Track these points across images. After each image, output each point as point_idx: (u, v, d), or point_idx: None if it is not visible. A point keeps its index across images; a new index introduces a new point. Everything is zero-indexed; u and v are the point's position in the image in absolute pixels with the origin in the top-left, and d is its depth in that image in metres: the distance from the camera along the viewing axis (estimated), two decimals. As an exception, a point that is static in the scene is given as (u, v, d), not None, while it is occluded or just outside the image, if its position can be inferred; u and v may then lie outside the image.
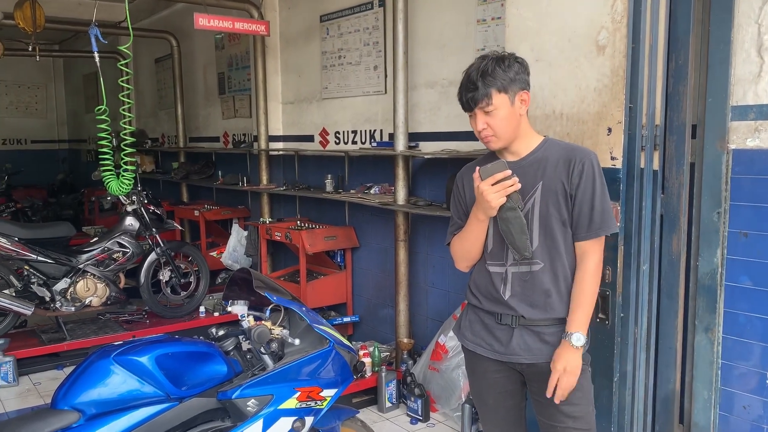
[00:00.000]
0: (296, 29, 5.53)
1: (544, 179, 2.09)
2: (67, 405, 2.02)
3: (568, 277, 2.12)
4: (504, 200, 2.01)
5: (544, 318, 2.12)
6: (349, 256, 5.08)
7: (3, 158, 11.00)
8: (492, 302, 2.18)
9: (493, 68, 2.03)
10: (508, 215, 2.03)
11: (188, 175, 7.17)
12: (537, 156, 2.12)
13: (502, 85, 2.03)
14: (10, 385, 4.48)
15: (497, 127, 2.06)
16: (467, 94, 2.06)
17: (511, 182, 2.00)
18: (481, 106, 2.04)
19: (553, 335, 2.13)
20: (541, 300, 2.11)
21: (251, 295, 2.39)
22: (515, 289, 2.13)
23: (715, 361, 2.72)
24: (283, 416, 2.20)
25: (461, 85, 2.10)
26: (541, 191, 2.08)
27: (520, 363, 2.16)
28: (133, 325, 5.25)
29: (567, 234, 2.10)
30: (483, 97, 2.03)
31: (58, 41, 10.77)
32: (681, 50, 2.63)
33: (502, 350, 2.17)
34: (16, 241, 4.62)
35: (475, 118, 2.09)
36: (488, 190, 2.00)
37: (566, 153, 2.10)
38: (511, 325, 2.15)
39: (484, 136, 2.10)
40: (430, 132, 4.29)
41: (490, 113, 2.05)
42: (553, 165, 2.09)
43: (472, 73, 2.05)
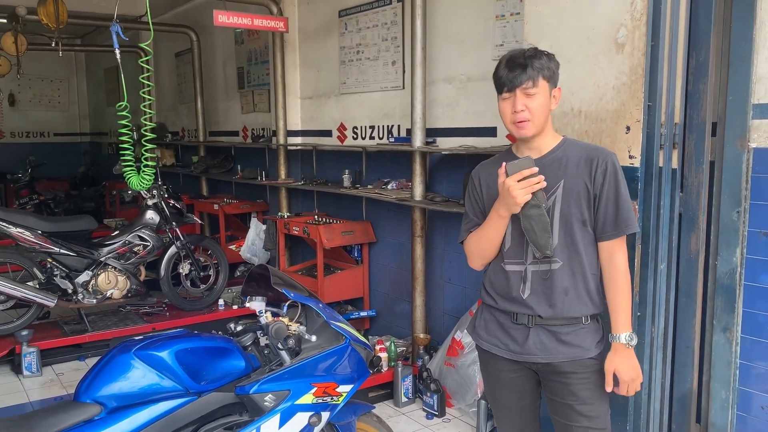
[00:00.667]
0: (315, 24, 5.54)
1: (565, 178, 2.09)
2: (90, 398, 2.06)
3: (586, 276, 2.12)
4: (529, 197, 2.00)
5: (560, 317, 2.12)
6: (366, 251, 5.10)
7: (27, 151, 11.19)
8: (508, 301, 2.18)
9: (539, 56, 2.04)
10: (531, 213, 2.03)
11: (208, 169, 7.23)
12: (557, 155, 2.12)
13: (547, 73, 2.04)
14: (34, 375, 4.57)
15: (534, 111, 2.04)
16: (512, 72, 2.02)
17: (538, 179, 2.00)
18: (525, 86, 2.02)
19: (570, 335, 2.13)
20: (560, 299, 2.11)
21: (269, 291, 2.42)
22: (535, 288, 2.13)
23: (733, 361, 2.70)
24: (299, 411, 2.22)
25: (503, 64, 2.06)
26: (563, 190, 2.08)
27: (536, 362, 2.16)
28: (153, 317, 5.33)
29: (586, 233, 2.10)
30: (529, 79, 2.01)
31: (80, 35, 10.89)
32: (702, 47, 2.60)
33: (518, 350, 2.17)
34: (40, 234, 4.71)
35: (514, 99, 2.05)
36: (515, 186, 1.99)
37: (587, 153, 2.10)
38: (527, 325, 2.15)
39: (521, 118, 2.05)
40: (448, 128, 4.29)
41: (531, 96, 2.03)
42: (574, 164, 2.09)
43: (517, 56, 2.04)
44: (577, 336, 2.13)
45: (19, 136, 11.88)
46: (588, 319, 2.15)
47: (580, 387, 2.13)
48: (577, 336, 2.13)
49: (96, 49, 10.25)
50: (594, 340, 2.15)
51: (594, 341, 2.15)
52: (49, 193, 9.36)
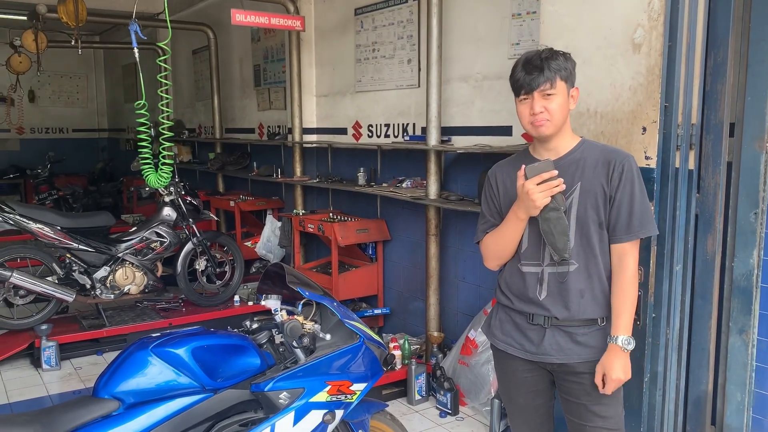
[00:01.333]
0: (331, 22, 5.56)
1: (582, 180, 2.08)
2: (108, 394, 2.09)
3: (602, 278, 2.12)
4: (548, 200, 2.01)
5: (576, 319, 2.12)
6: (381, 248, 5.12)
7: (46, 146, 11.33)
8: (524, 302, 2.19)
9: (556, 57, 2.04)
10: (550, 215, 2.03)
11: (224, 166, 7.28)
12: (575, 156, 2.12)
13: (564, 74, 2.04)
14: (53, 368, 4.64)
15: (553, 112, 2.04)
16: (529, 75, 2.03)
17: (557, 182, 2.00)
18: (543, 88, 2.02)
19: (585, 336, 2.14)
20: (576, 301, 2.11)
21: (284, 290, 2.44)
22: (551, 290, 2.13)
23: (749, 364, 2.68)
24: (314, 409, 2.24)
25: (519, 67, 2.07)
26: (580, 192, 2.08)
27: (551, 363, 2.17)
28: (170, 312, 5.38)
29: (602, 236, 2.10)
30: (546, 80, 2.01)
31: (98, 32, 11.00)
32: (720, 48, 2.58)
33: (533, 350, 2.18)
34: (59, 230, 4.77)
35: (532, 101, 2.05)
36: (534, 189, 1.99)
37: (605, 155, 2.10)
38: (543, 326, 2.15)
39: (541, 119, 2.05)
40: (463, 126, 4.29)
41: (549, 98, 2.03)
42: (591, 166, 2.08)
43: (533, 58, 2.04)
44: (593, 337, 2.13)
45: (39, 132, 12.03)
46: (604, 321, 2.15)
47: (595, 387, 2.13)
48: (593, 337, 2.13)
49: (114, 46, 10.35)
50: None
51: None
52: (67, 189, 9.47)
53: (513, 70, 2.10)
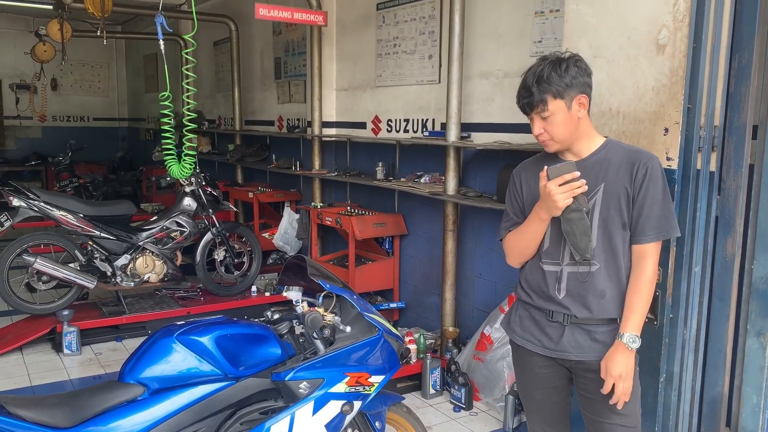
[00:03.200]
0: (353, 17, 5.58)
1: (606, 181, 2.08)
2: (133, 379, 2.15)
3: (622, 279, 2.13)
4: (570, 201, 2.02)
5: (596, 318, 2.13)
6: (398, 243, 5.15)
7: (67, 134, 11.48)
8: (544, 300, 2.20)
9: (548, 73, 2.02)
10: (572, 216, 2.04)
11: (243, 158, 7.34)
12: (599, 157, 2.12)
13: (557, 90, 2.02)
14: (74, 353, 4.73)
15: (554, 132, 2.07)
16: (523, 100, 2.07)
17: (579, 184, 2.00)
18: (537, 111, 2.05)
19: (604, 334, 2.14)
20: (596, 300, 2.12)
21: (305, 281, 2.48)
22: (570, 289, 2.14)
23: (766, 366, 2.67)
24: (332, 399, 2.28)
25: (518, 89, 2.11)
26: (603, 193, 2.08)
27: (569, 360, 2.19)
28: (188, 301, 5.46)
29: (626, 237, 2.10)
30: (538, 104, 2.04)
31: (120, 22, 11.10)
32: (745, 50, 2.57)
33: (552, 346, 2.20)
34: (82, 217, 4.86)
35: (533, 122, 2.10)
36: (556, 191, 2.00)
37: (629, 156, 2.09)
38: (563, 323, 2.17)
39: (542, 140, 2.12)
40: (483, 123, 4.30)
41: (546, 118, 2.06)
42: (615, 167, 2.08)
43: (528, 78, 2.06)
44: (611, 335, 2.14)
45: (60, 120, 12.19)
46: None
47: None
48: (611, 335, 2.14)
49: (137, 36, 10.45)
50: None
51: None
52: (87, 177, 9.59)
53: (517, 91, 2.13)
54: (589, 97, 2.08)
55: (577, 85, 2.04)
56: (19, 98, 11.32)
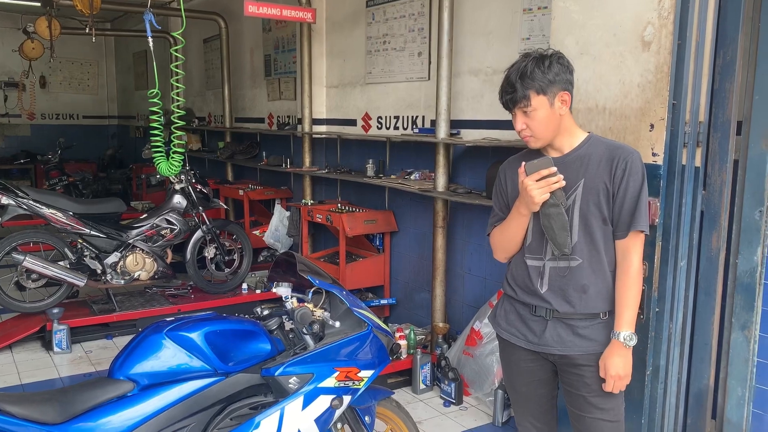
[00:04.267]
0: (342, 14, 5.58)
1: (586, 177, 2.10)
2: (123, 375, 2.15)
3: (606, 274, 2.15)
4: (547, 196, 2.04)
5: (579, 313, 2.15)
6: (388, 239, 5.16)
7: (56, 132, 11.42)
8: (528, 294, 2.23)
9: (532, 69, 2.04)
10: (550, 211, 2.06)
11: (233, 155, 7.34)
12: (580, 153, 2.14)
13: (540, 87, 2.04)
14: (64, 352, 4.72)
15: (536, 128, 2.09)
16: (506, 95, 2.09)
17: (556, 179, 2.03)
18: (519, 107, 2.08)
19: (587, 329, 2.16)
20: (577, 295, 2.14)
21: (294, 277, 2.49)
22: (552, 284, 2.17)
23: (750, 359, 2.72)
24: (322, 394, 2.30)
25: (501, 85, 2.13)
26: (583, 189, 2.10)
27: (552, 354, 2.21)
28: (179, 299, 5.45)
29: (606, 231, 2.12)
30: (521, 99, 2.05)
31: (109, 19, 11.05)
32: (729, 47, 2.60)
33: (535, 341, 2.22)
34: (71, 215, 4.84)
35: (515, 118, 2.12)
36: (533, 186, 2.03)
37: (610, 151, 2.11)
38: (545, 318, 2.19)
39: (523, 136, 2.14)
40: (472, 120, 4.32)
41: (528, 114, 2.08)
42: (596, 163, 2.10)
43: (512, 74, 2.08)
44: (594, 330, 2.16)
45: (50, 117, 12.12)
46: (606, 315, 2.18)
47: (595, 379, 2.17)
48: (594, 330, 2.16)
49: (126, 33, 10.41)
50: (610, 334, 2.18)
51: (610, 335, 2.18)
52: (77, 175, 9.54)
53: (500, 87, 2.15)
54: (571, 94, 2.10)
55: (560, 81, 2.06)
56: (8, 96, 11.26)
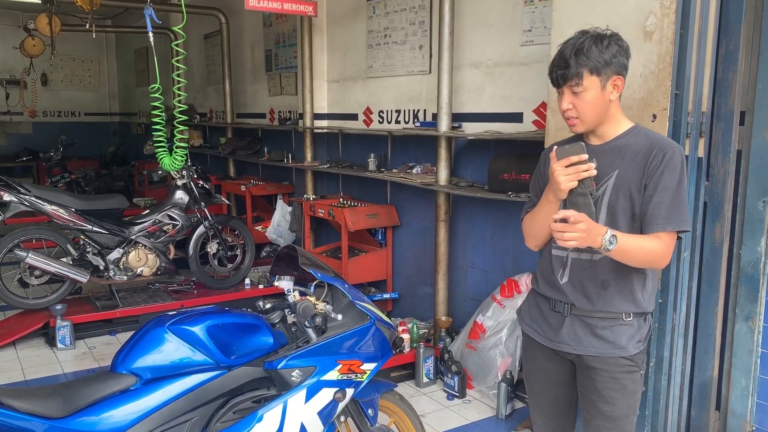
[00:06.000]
0: (343, 8, 5.57)
1: (620, 168, 1.99)
2: (125, 369, 2.15)
3: (629, 272, 2.02)
4: (575, 184, 1.91)
5: (596, 309, 2.05)
6: (390, 234, 5.16)
7: (58, 130, 11.43)
8: (549, 286, 2.15)
9: (588, 47, 1.91)
10: (577, 200, 1.93)
11: (235, 151, 7.33)
12: (620, 143, 2.02)
13: (595, 66, 1.91)
14: (68, 348, 4.73)
15: (583, 109, 1.96)
16: (558, 70, 1.96)
17: (586, 167, 1.90)
18: (570, 84, 1.94)
19: (605, 329, 2.05)
20: (596, 291, 2.04)
21: (297, 271, 2.49)
22: (572, 276, 2.08)
23: (754, 350, 2.72)
24: (325, 387, 2.29)
25: (553, 59, 1.99)
26: (615, 180, 1.99)
27: (567, 353, 2.12)
28: (182, 294, 5.45)
29: (634, 227, 1.99)
30: (573, 76, 1.92)
31: (110, 16, 11.04)
32: (732, 36, 2.59)
33: (552, 337, 2.15)
34: (74, 211, 4.84)
35: (562, 96, 1.99)
36: (560, 172, 1.91)
37: (650, 143, 1.98)
38: (563, 314, 2.11)
39: (568, 116, 2.00)
40: (474, 113, 4.30)
41: (578, 94, 1.95)
42: (633, 154, 1.98)
43: (566, 50, 1.94)
44: (613, 332, 2.05)
45: (51, 115, 12.12)
46: (630, 316, 2.05)
47: (606, 385, 2.07)
48: (613, 332, 2.05)
49: (127, 30, 10.39)
50: (632, 338, 2.05)
51: (631, 339, 2.05)
52: (79, 172, 9.56)
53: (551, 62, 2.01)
54: (624, 80, 1.98)
55: (615, 64, 1.94)
56: (9, 94, 11.26)
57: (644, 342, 2.09)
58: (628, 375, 2.06)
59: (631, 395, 2.10)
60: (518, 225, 4.08)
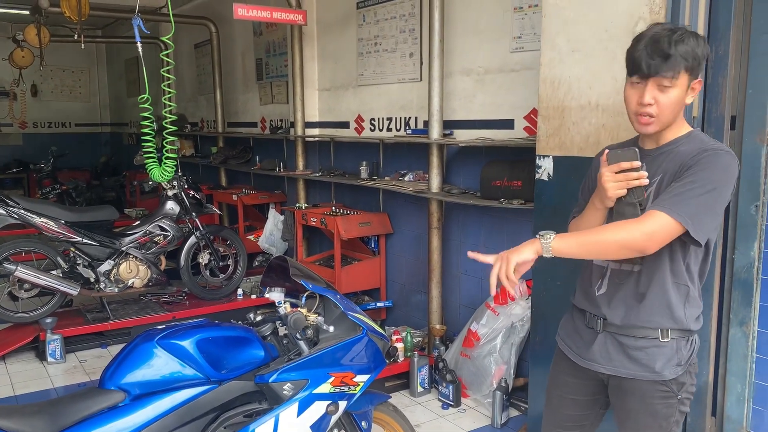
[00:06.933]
0: (333, 16, 5.56)
1: (665, 173, 1.84)
2: (114, 385, 2.11)
3: (667, 285, 1.87)
4: (623, 192, 1.79)
5: (630, 325, 1.91)
6: (383, 242, 5.14)
7: (49, 141, 11.36)
8: (585, 298, 2.04)
9: (687, 39, 1.73)
10: (625, 210, 1.80)
11: (226, 160, 7.30)
12: (671, 148, 1.86)
13: (692, 64, 1.74)
14: (58, 361, 4.67)
15: (665, 108, 1.77)
16: (653, 58, 1.73)
17: (637, 175, 1.76)
18: (663, 76, 1.73)
19: (640, 351, 1.89)
20: (632, 304, 1.90)
21: (288, 282, 2.46)
22: (609, 288, 1.95)
23: (749, 355, 2.70)
24: (317, 400, 2.26)
25: (643, 44, 1.76)
26: (656, 187, 1.85)
27: (598, 372, 1.99)
28: (174, 306, 5.41)
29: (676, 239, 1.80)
30: (669, 70, 1.72)
31: (100, 26, 11.00)
32: (721, 41, 2.59)
33: (583, 354, 2.02)
34: (63, 223, 4.80)
35: (644, 89, 1.77)
36: (608, 178, 1.79)
37: (699, 147, 1.81)
38: (596, 329, 1.98)
39: (645, 113, 1.79)
40: (465, 120, 4.30)
41: (665, 89, 1.76)
42: (680, 160, 1.81)
43: (662, 38, 1.73)
44: (647, 354, 1.89)
45: (42, 126, 12.07)
46: (667, 336, 1.88)
47: (636, 407, 1.94)
48: (647, 354, 1.89)
49: (117, 40, 10.36)
50: (669, 361, 1.89)
51: (668, 363, 1.89)
52: (70, 183, 9.51)
53: (634, 43, 1.80)
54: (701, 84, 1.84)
55: (701, 67, 1.79)
56: (-1, 105, 11.21)
57: (684, 366, 1.90)
58: (661, 401, 1.90)
59: (664, 419, 1.93)
60: (511, 232, 4.10)
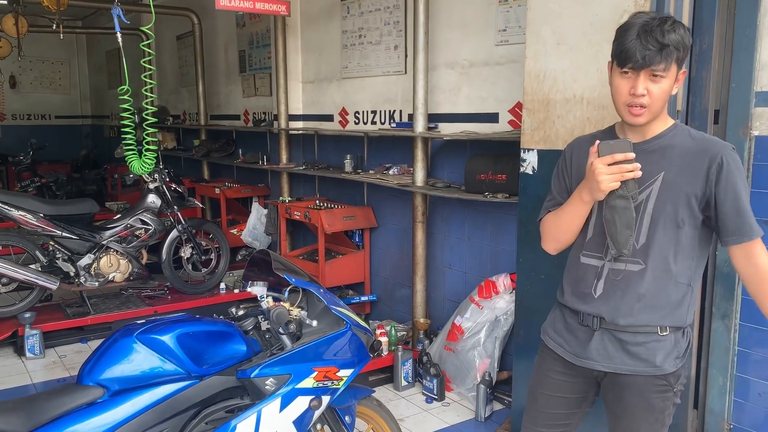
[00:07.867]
0: (317, 8, 5.51)
1: (667, 171, 1.80)
2: (92, 381, 2.07)
3: (669, 285, 1.85)
4: (617, 185, 1.76)
5: (630, 325, 1.88)
6: (368, 236, 5.11)
7: (28, 133, 11.18)
8: (578, 299, 1.97)
9: (677, 28, 1.72)
10: (617, 204, 1.78)
11: (209, 153, 7.23)
12: (662, 142, 1.84)
13: (682, 54, 1.74)
14: (37, 357, 4.60)
15: (657, 98, 1.76)
16: (648, 48, 1.70)
17: (631, 167, 1.73)
18: (656, 67, 1.72)
19: (639, 346, 1.87)
20: (629, 305, 1.87)
21: (270, 276, 2.43)
22: (607, 289, 1.90)
23: (731, 348, 2.72)
24: (300, 395, 2.24)
25: (634, 32, 1.73)
26: (661, 184, 1.80)
27: (595, 369, 1.96)
28: (155, 300, 5.35)
29: (681, 236, 1.82)
30: (662, 61, 1.71)
31: (81, 17, 10.84)
32: (705, 34, 2.59)
33: (579, 353, 1.97)
34: (42, 217, 4.71)
35: (636, 79, 1.75)
36: (602, 170, 1.74)
37: (698, 145, 1.80)
38: (592, 327, 1.93)
39: (639, 103, 1.77)
40: (450, 113, 4.28)
41: (657, 80, 1.74)
42: (680, 156, 1.80)
43: (654, 28, 1.71)
44: (648, 349, 1.87)
45: (21, 118, 11.88)
46: (666, 331, 1.87)
47: (633, 402, 1.92)
48: (648, 349, 1.87)
49: (97, 31, 10.22)
50: (668, 355, 1.88)
51: (668, 357, 1.88)
52: (50, 176, 9.36)
53: (623, 33, 1.77)
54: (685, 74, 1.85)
55: (686, 56, 1.79)
56: (-24, 97, 11.02)
57: (682, 358, 1.92)
58: (658, 394, 1.90)
59: (660, 413, 1.93)
60: (495, 225, 4.09)
